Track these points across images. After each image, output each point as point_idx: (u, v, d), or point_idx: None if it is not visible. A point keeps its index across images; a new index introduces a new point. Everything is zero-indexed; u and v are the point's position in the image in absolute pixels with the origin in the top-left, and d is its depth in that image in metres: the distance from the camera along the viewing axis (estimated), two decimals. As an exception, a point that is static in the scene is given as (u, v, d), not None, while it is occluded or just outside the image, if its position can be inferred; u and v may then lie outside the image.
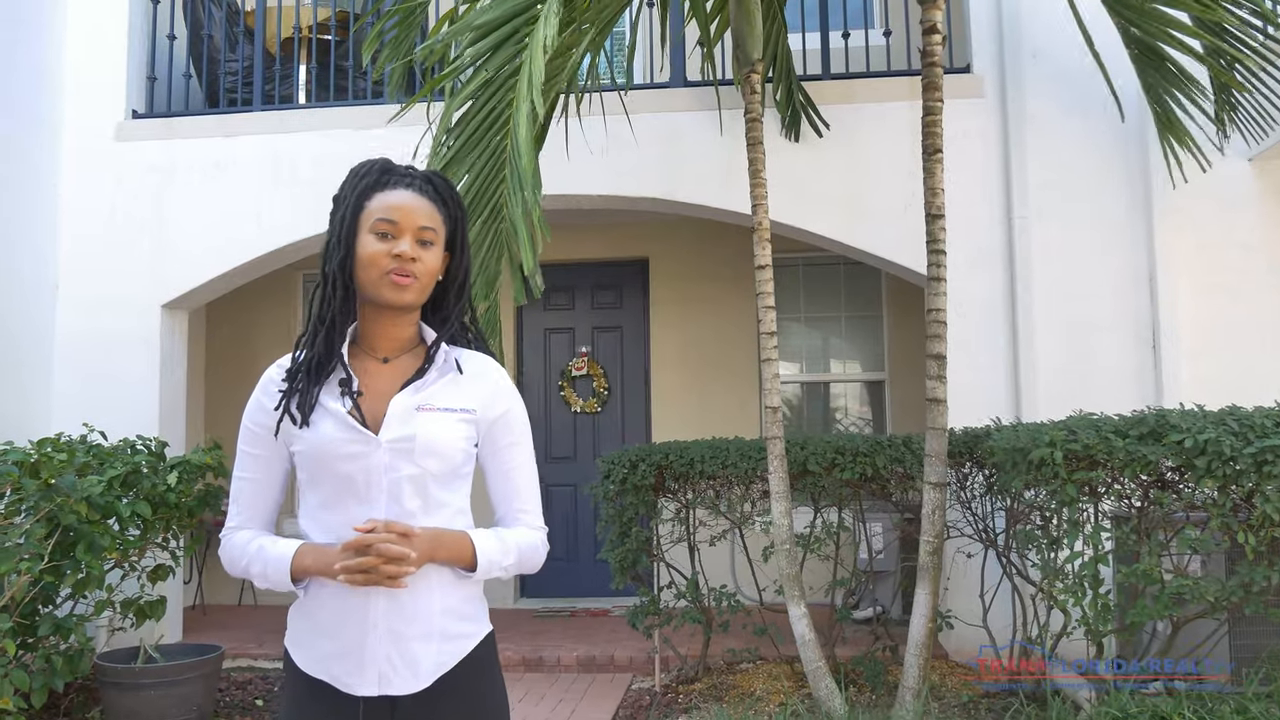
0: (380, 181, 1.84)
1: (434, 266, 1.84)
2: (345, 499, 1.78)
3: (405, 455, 1.78)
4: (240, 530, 1.88)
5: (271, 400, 1.84)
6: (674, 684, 5.47)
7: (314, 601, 1.82)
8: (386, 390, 1.84)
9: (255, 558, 1.81)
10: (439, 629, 1.82)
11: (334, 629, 1.79)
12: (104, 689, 4.75)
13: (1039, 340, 5.71)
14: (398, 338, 1.88)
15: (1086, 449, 3.69)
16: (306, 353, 1.83)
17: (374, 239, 1.79)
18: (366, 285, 1.81)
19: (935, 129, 4.47)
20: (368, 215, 1.81)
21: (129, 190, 6.44)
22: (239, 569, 1.85)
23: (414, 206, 1.82)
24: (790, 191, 5.82)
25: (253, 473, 1.87)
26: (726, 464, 5.14)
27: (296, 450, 1.82)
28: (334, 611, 1.79)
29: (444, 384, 1.86)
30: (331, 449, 1.77)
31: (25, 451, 4.49)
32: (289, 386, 1.82)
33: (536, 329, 8.17)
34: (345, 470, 1.77)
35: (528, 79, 3.63)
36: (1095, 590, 3.83)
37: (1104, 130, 5.74)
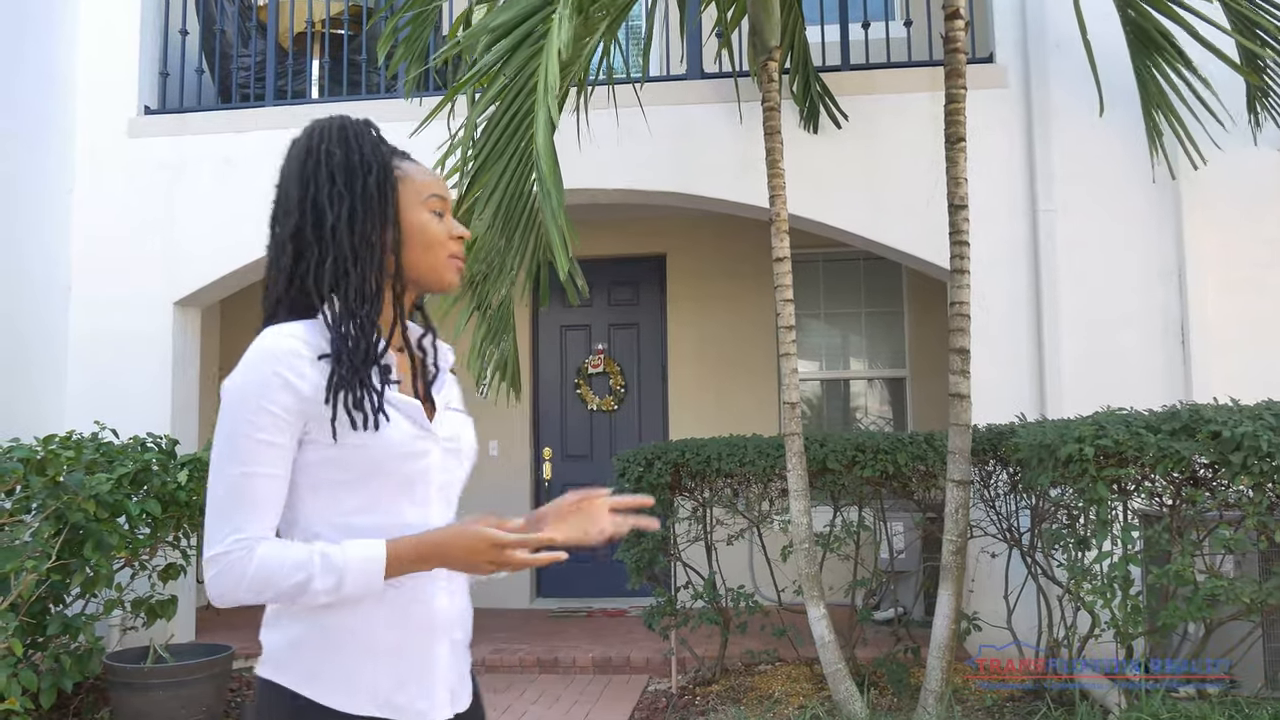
0: (394, 150, 1.63)
1: None
2: (398, 501, 1.53)
3: (455, 456, 1.64)
4: (264, 541, 1.44)
5: (304, 380, 1.47)
6: (691, 686, 5.38)
7: (361, 617, 1.50)
8: (408, 384, 1.64)
9: (322, 570, 1.43)
10: (468, 641, 1.69)
11: (397, 647, 1.53)
12: (113, 689, 4.70)
13: (1064, 335, 5.59)
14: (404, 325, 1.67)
15: (1117, 445, 3.58)
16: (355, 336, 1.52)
17: (431, 217, 1.60)
18: (425, 268, 1.60)
19: (958, 117, 4.36)
20: (415, 189, 1.60)
21: (141, 186, 6.40)
22: (279, 590, 1.43)
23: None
24: (809, 184, 5.72)
25: (271, 467, 1.46)
26: (744, 462, 5.04)
27: (351, 444, 1.49)
28: (395, 625, 1.53)
29: (448, 382, 1.73)
30: (403, 446, 1.53)
31: (31, 448, 4.43)
32: (343, 376, 1.49)
33: (552, 326, 8.09)
34: (408, 471, 1.54)
35: (544, 85, 3.56)
36: (1125, 592, 3.71)
37: (1130, 122, 5.60)
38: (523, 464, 7.85)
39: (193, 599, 6.42)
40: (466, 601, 1.66)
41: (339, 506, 1.51)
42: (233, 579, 1.42)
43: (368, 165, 1.57)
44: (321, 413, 1.47)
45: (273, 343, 1.50)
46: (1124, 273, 5.61)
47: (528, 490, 7.83)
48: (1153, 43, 4.91)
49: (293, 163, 1.60)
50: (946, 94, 4.41)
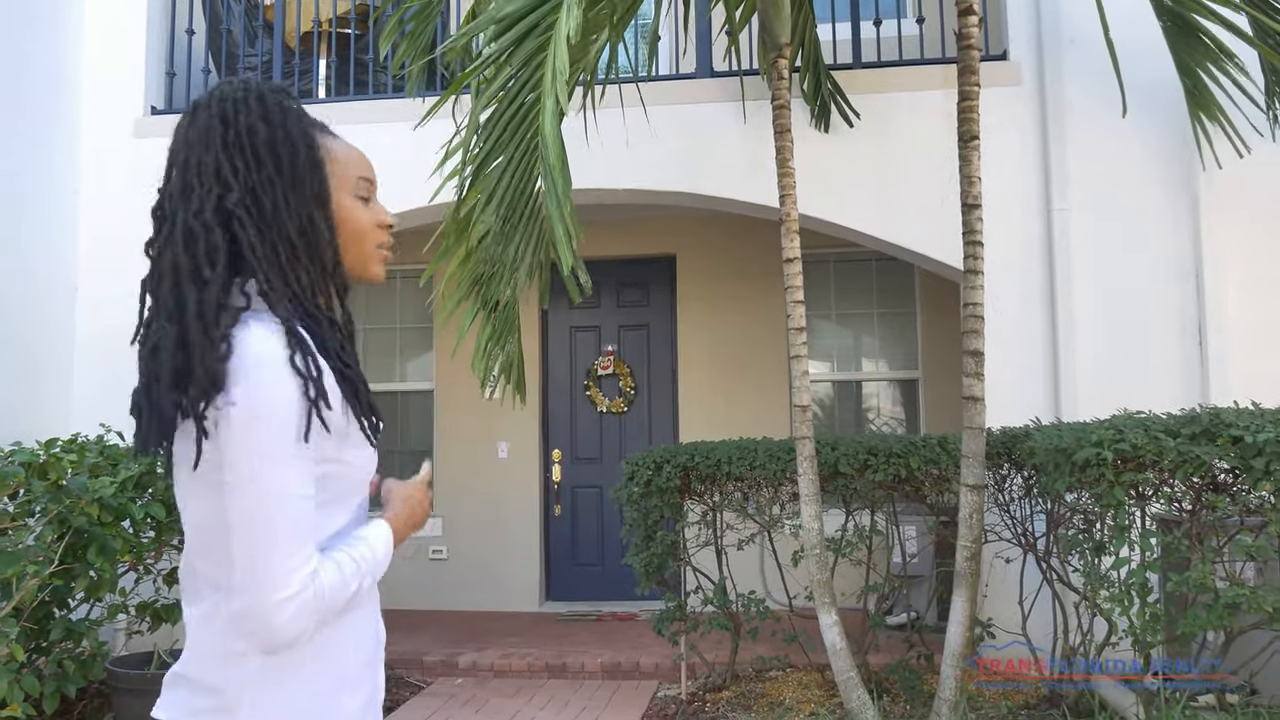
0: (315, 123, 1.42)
1: None
2: (363, 507, 1.43)
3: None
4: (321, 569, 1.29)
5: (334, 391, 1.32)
6: (701, 692, 5.31)
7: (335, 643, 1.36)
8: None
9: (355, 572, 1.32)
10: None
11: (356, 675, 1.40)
12: (117, 695, 4.65)
13: (1079, 337, 5.51)
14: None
15: (1135, 449, 3.50)
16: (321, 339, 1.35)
17: (358, 203, 1.41)
18: (349, 260, 1.41)
19: (972, 115, 4.28)
20: (341, 169, 1.40)
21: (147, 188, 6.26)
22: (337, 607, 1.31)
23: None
24: (819, 183, 5.65)
25: (312, 488, 1.28)
26: (754, 465, 4.97)
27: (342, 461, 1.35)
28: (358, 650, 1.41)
29: None
30: (370, 463, 1.42)
31: (33, 452, 4.39)
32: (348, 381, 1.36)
33: (562, 327, 8.03)
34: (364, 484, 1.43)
35: (552, 73, 3.49)
36: (1144, 599, 3.63)
37: (1148, 119, 5.51)
38: (532, 466, 7.79)
39: (199, 602, 6.36)
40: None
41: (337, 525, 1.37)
42: (307, 619, 1.25)
43: (294, 143, 1.36)
44: (340, 424, 1.33)
45: (265, 346, 1.27)
46: (1140, 273, 5.52)
47: (537, 492, 7.77)
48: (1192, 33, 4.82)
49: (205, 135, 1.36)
50: (960, 91, 4.33)
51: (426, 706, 5.25)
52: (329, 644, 1.34)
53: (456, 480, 7.69)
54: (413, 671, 5.83)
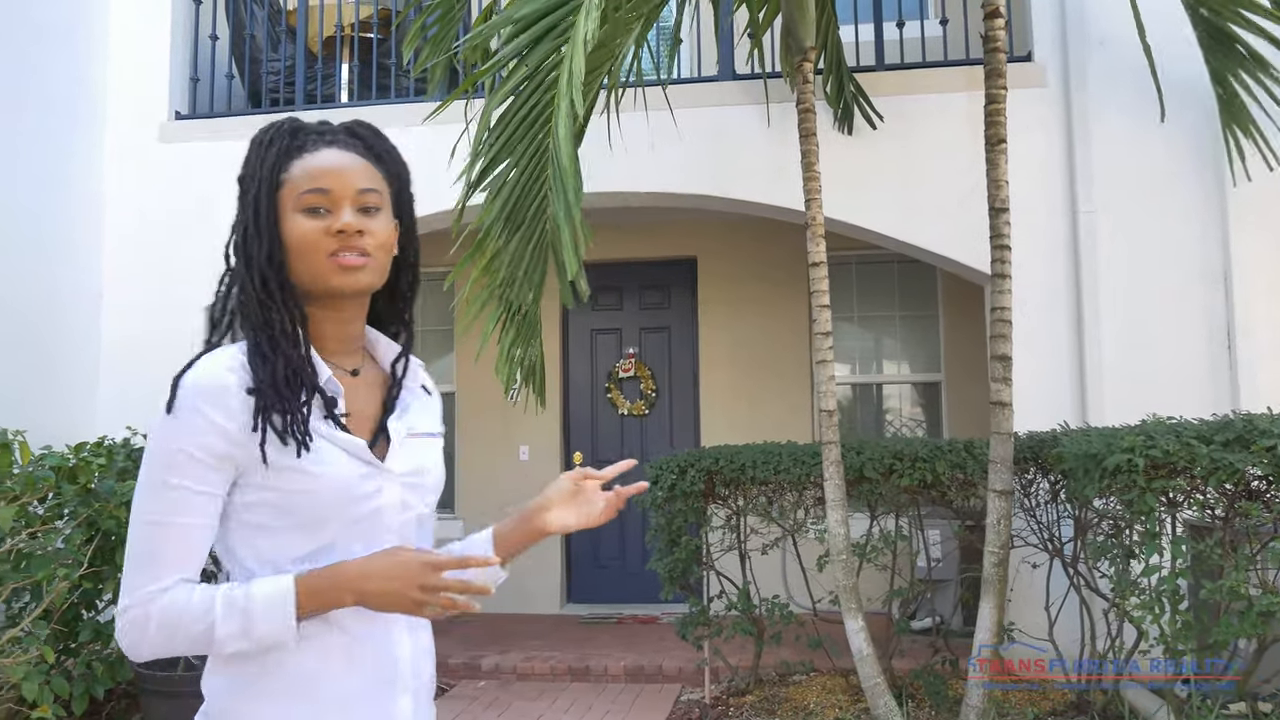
0: (294, 145, 1.44)
1: (387, 238, 1.46)
2: (350, 545, 1.38)
3: (416, 491, 1.48)
4: (171, 591, 1.31)
5: (234, 420, 1.33)
6: (724, 696, 5.30)
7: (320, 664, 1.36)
8: (366, 412, 1.48)
9: (225, 612, 1.29)
10: (434, 679, 1.56)
11: (356, 703, 1.38)
12: (144, 696, 4.68)
13: (1105, 341, 5.47)
14: (355, 337, 1.51)
15: (1167, 456, 3.47)
16: (268, 364, 1.37)
17: (303, 218, 1.40)
18: (307, 277, 1.41)
19: (999, 118, 4.25)
20: (290, 189, 1.41)
21: (172, 192, 6.40)
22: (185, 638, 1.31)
23: (345, 167, 1.42)
24: (843, 186, 5.62)
25: (190, 515, 1.32)
26: (779, 469, 4.95)
27: (288, 489, 1.35)
28: (361, 675, 1.39)
29: (418, 403, 1.56)
30: (348, 488, 1.38)
31: (63, 456, 4.42)
32: (264, 404, 1.34)
33: (583, 330, 8.03)
34: (357, 512, 1.39)
35: (568, 75, 3.47)
36: (1175, 607, 3.60)
37: (1175, 121, 5.46)
38: (553, 469, 7.79)
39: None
40: (429, 641, 1.52)
41: (284, 554, 1.37)
42: (137, 633, 1.31)
43: (250, 179, 1.44)
44: (254, 451, 1.34)
45: (199, 377, 1.35)
46: (1168, 276, 5.48)
47: (558, 495, 7.76)
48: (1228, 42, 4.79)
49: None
50: (986, 94, 4.31)
51: (450, 710, 5.26)
52: (295, 665, 1.35)
53: (478, 482, 7.71)
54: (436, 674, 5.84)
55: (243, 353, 1.38)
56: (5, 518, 3.75)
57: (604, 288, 7.97)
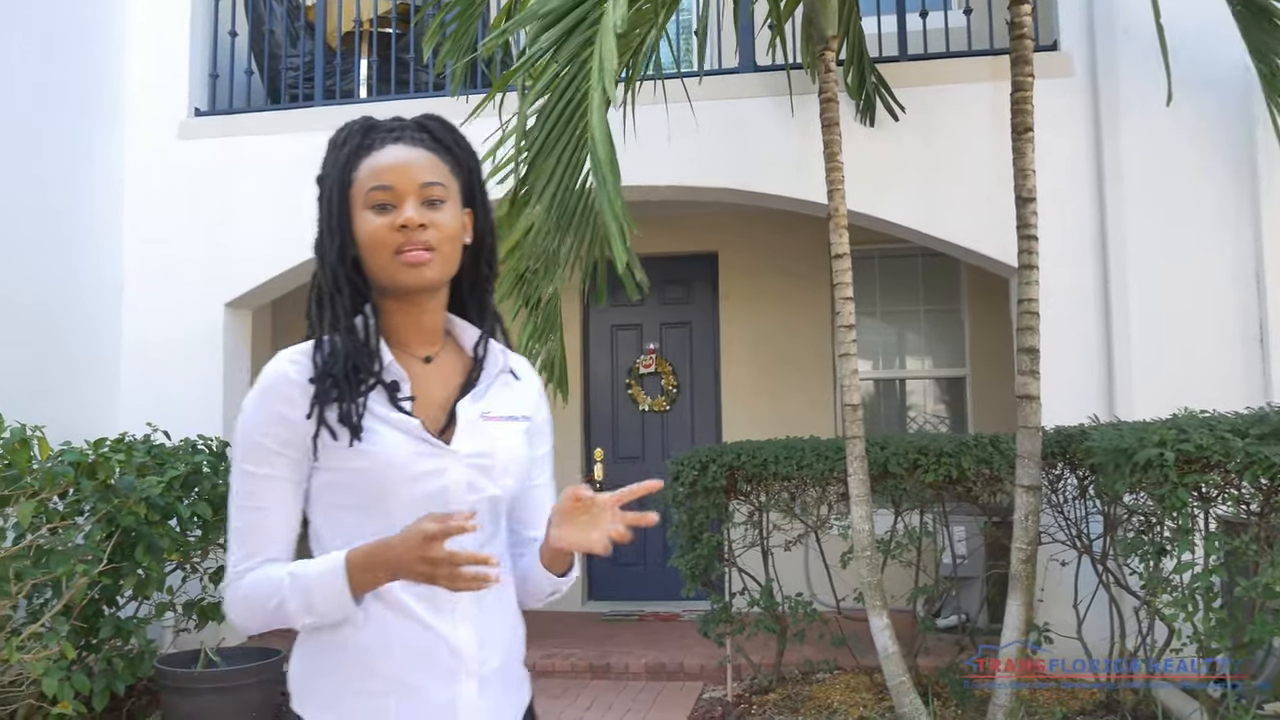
0: (364, 145, 1.50)
1: (454, 230, 1.49)
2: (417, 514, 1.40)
3: (485, 473, 1.49)
4: (254, 571, 1.43)
5: (295, 408, 1.43)
6: (747, 694, 5.24)
7: (378, 641, 1.43)
8: (438, 396, 1.52)
9: (291, 588, 1.39)
10: (515, 676, 1.56)
11: (414, 680, 1.43)
12: (164, 693, 4.67)
13: (1134, 335, 5.37)
14: (431, 328, 1.56)
15: (1200, 450, 3.39)
16: (334, 353, 1.46)
17: (371, 215, 1.46)
18: (377, 271, 1.47)
19: (1026, 106, 4.18)
20: (358, 188, 1.47)
21: (192, 188, 6.40)
22: (266, 614, 1.42)
23: (409, 162, 1.47)
24: (865, 178, 5.55)
25: (268, 499, 1.45)
26: (802, 465, 4.89)
27: (348, 469, 1.43)
28: (409, 654, 1.43)
29: (500, 387, 1.58)
30: (402, 468, 1.43)
31: (82, 452, 4.41)
32: (319, 392, 1.43)
33: (603, 325, 7.99)
34: (417, 492, 1.44)
35: (599, 65, 3.42)
36: (1209, 604, 3.52)
37: (1206, 112, 5.36)
38: (574, 465, 7.75)
39: (244, 601, 6.39)
40: (503, 631, 1.52)
41: (355, 532, 1.42)
42: (231, 607, 1.45)
43: (325, 179, 1.51)
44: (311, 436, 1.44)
45: (268, 369, 1.48)
46: (1198, 269, 5.37)
47: (579, 492, 7.72)
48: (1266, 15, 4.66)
49: None
50: (1013, 82, 4.23)
51: (471, 707, 5.22)
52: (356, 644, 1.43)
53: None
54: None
55: (311, 346, 1.48)
56: (25, 514, 3.74)
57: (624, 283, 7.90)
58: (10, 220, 5.54)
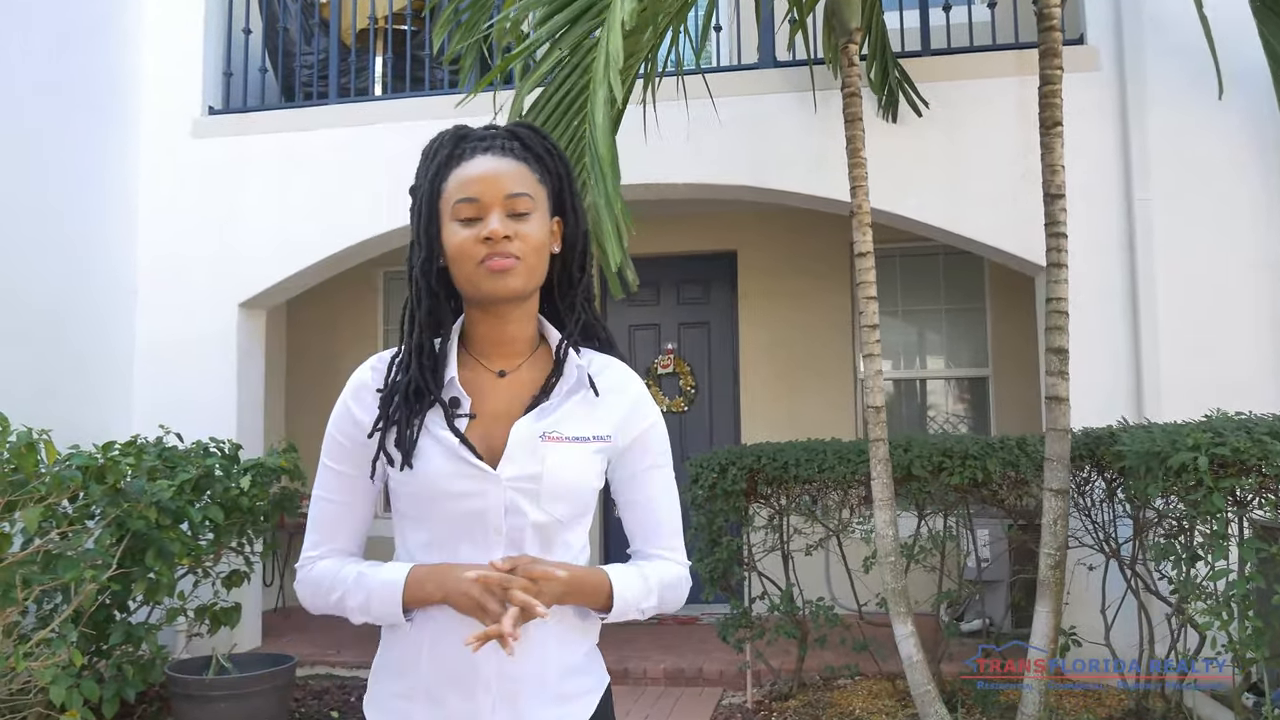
0: (455, 155, 1.50)
1: (540, 240, 1.49)
2: (457, 543, 1.48)
3: (530, 497, 1.48)
4: (325, 559, 1.55)
5: (367, 412, 1.52)
6: (767, 700, 5.15)
7: (408, 650, 1.51)
8: (505, 412, 1.51)
9: (354, 586, 1.49)
10: (556, 691, 1.53)
11: (437, 690, 1.49)
12: (175, 700, 4.61)
13: (1163, 334, 5.24)
14: (515, 339, 1.55)
15: (1236, 453, 3.28)
16: (403, 375, 1.51)
17: (458, 226, 1.46)
18: (464, 282, 1.48)
19: (1054, 100, 4.07)
20: (446, 200, 1.48)
21: (206, 187, 6.35)
22: (328, 603, 1.53)
23: (496, 173, 1.47)
24: (887, 176, 5.44)
25: (339, 493, 1.55)
26: (823, 467, 4.79)
27: (398, 481, 1.50)
28: (435, 665, 1.49)
29: (575, 404, 1.54)
30: (440, 485, 1.47)
31: (90, 455, 4.35)
32: (382, 415, 1.50)
33: (620, 325, 7.90)
34: (456, 511, 1.47)
35: (605, 58, 3.32)
36: (1244, 613, 3.40)
37: (1235, 105, 5.23)
38: (590, 467, 7.66)
39: (258, 605, 6.35)
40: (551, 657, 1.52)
41: (408, 539, 1.54)
42: (305, 590, 1.56)
43: (417, 190, 1.54)
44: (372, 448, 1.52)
45: (356, 373, 1.57)
46: (1229, 266, 5.25)
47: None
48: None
49: None
50: (1041, 75, 4.12)
51: (486, 713, 5.15)
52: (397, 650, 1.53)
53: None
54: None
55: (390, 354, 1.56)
56: (31, 519, 3.68)
57: (642, 282, 7.73)
58: (22, 219, 5.50)
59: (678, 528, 1.64)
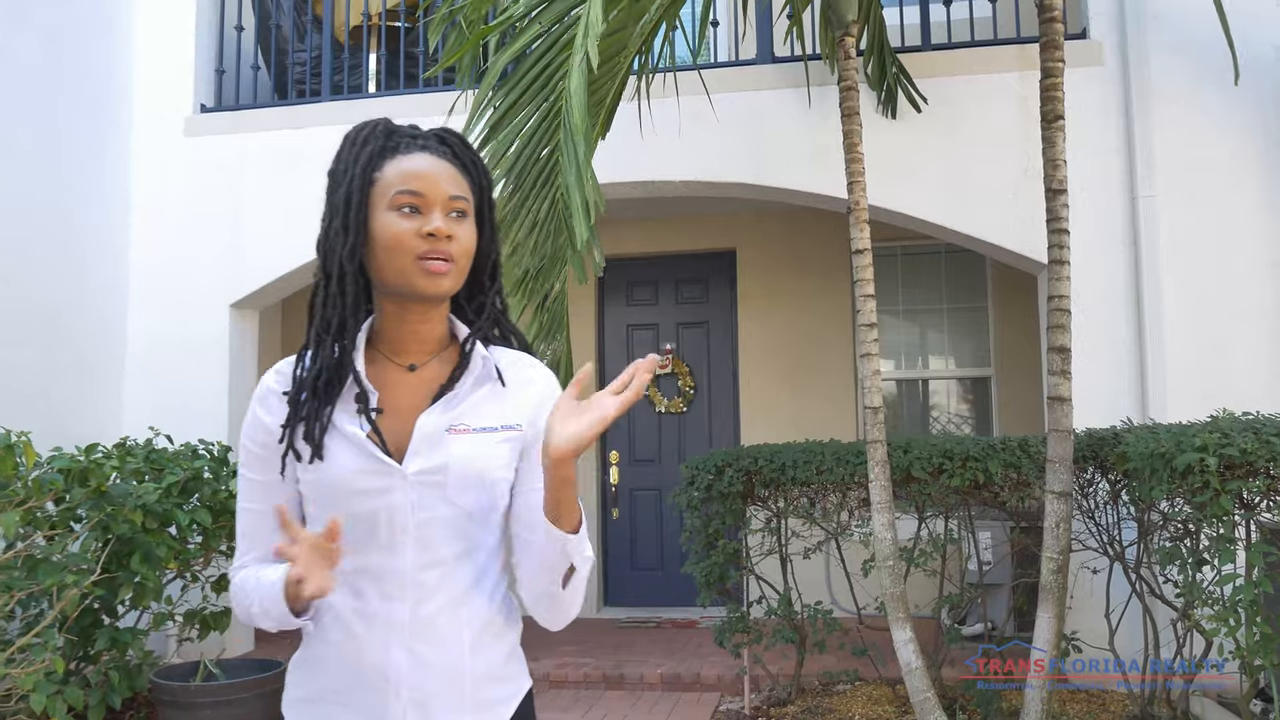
0: (388, 146, 1.48)
1: (470, 245, 1.49)
2: (364, 543, 1.44)
3: (436, 490, 1.45)
4: (244, 569, 1.53)
5: (274, 416, 1.50)
6: (765, 706, 5.07)
7: (319, 651, 1.48)
8: (413, 406, 1.50)
9: (254, 593, 1.45)
10: (473, 698, 1.49)
11: (345, 691, 1.46)
12: (160, 707, 4.53)
13: (1167, 333, 5.15)
14: (425, 337, 1.53)
15: (1244, 454, 3.19)
16: (312, 366, 1.48)
17: (396, 217, 1.43)
18: (392, 275, 1.45)
19: (1055, 93, 3.98)
20: (383, 188, 1.45)
21: (198, 186, 6.28)
22: (249, 613, 1.48)
23: (439, 172, 1.46)
24: (886, 172, 5.36)
25: (258, 501, 1.52)
26: (822, 469, 4.71)
27: (305, 480, 1.48)
28: (342, 667, 1.46)
29: (482, 396, 1.53)
30: (346, 482, 1.44)
31: (72, 458, 4.27)
32: (292, 411, 1.47)
33: (618, 324, 7.82)
34: (362, 509, 1.44)
35: (585, 26, 3.22)
36: (1253, 619, 3.31)
37: (1239, 101, 5.15)
38: (589, 468, 7.60)
39: (251, 608, 6.26)
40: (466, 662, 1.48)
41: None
42: (233, 604, 1.52)
43: (341, 174, 1.49)
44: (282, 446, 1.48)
45: (262, 380, 1.54)
46: (1235, 264, 5.16)
47: (594, 495, 7.58)
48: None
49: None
50: (1042, 69, 4.04)
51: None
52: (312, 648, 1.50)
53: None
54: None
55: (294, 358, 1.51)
56: (9, 523, 3.59)
57: (640, 282, 7.76)
58: (13, 219, 5.43)
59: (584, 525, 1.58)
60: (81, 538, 4.20)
